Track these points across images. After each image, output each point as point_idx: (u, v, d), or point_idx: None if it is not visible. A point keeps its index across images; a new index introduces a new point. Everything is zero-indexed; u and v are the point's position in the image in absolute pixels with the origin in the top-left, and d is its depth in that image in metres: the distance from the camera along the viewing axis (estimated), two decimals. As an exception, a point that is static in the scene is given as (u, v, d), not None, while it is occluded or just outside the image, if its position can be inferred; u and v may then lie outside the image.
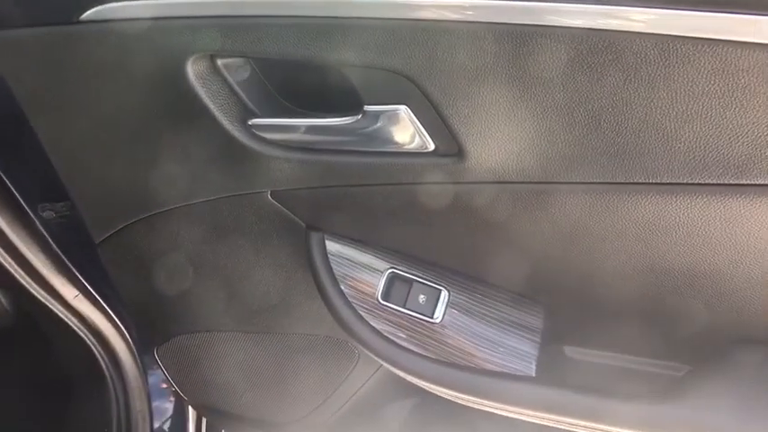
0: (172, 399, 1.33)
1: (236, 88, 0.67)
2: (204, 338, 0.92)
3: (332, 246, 0.75)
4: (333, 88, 0.66)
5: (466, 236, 0.70)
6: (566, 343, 0.76)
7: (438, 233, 0.72)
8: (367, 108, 0.63)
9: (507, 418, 0.74)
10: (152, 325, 0.95)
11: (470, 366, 0.73)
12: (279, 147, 0.68)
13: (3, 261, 0.96)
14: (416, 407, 0.95)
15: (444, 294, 0.74)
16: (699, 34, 0.52)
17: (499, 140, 0.61)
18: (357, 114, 0.64)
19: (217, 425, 1.23)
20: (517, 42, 0.55)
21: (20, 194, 0.98)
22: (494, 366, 0.73)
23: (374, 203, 0.71)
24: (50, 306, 1.04)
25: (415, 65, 0.58)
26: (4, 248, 0.95)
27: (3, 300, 1.13)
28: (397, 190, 0.68)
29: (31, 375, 1.27)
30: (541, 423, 0.72)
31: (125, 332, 1.11)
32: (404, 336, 0.74)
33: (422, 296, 0.74)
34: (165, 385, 1.34)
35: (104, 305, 1.07)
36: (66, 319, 1.06)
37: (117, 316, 1.09)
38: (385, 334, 0.74)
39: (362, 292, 0.75)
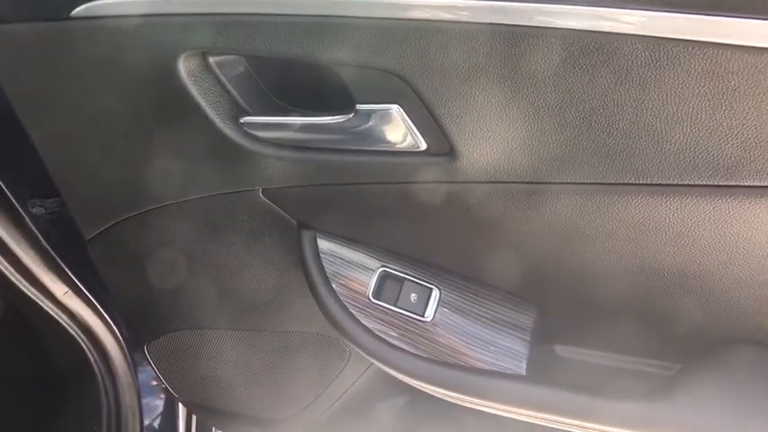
0: (162, 396, 1.33)
1: (228, 86, 0.66)
2: (195, 335, 0.92)
3: (323, 244, 0.75)
4: (325, 87, 0.66)
5: (458, 235, 0.70)
6: (556, 342, 0.76)
7: (430, 232, 0.72)
8: (359, 107, 0.63)
9: (498, 416, 0.74)
10: (143, 322, 0.94)
11: (461, 365, 0.73)
12: (271, 145, 0.68)
13: None
14: (407, 405, 0.95)
15: (436, 293, 0.75)
16: (689, 36, 0.52)
17: (491, 140, 0.61)
18: (349, 113, 0.64)
19: (207, 422, 1.23)
20: (509, 43, 0.55)
21: (9, 190, 0.97)
22: (484, 365, 0.73)
23: (366, 202, 0.71)
24: (40, 303, 1.04)
25: (408, 64, 0.58)
26: (-7, 242, 0.95)
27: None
28: (389, 189, 0.68)
29: (21, 372, 1.26)
30: (532, 422, 0.72)
31: (115, 329, 1.11)
32: (395, 334, 0.74)
33: (413, 295, 0.74)
34: (155, 382, 1.34)
35: (94, 302, 1.07)
36: (55, 316, 1.06)
37: (107, 313, 1.08)
38: (376, 332, 0.74)
39: (354, 291, 0.75)
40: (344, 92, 0.63)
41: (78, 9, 0.63)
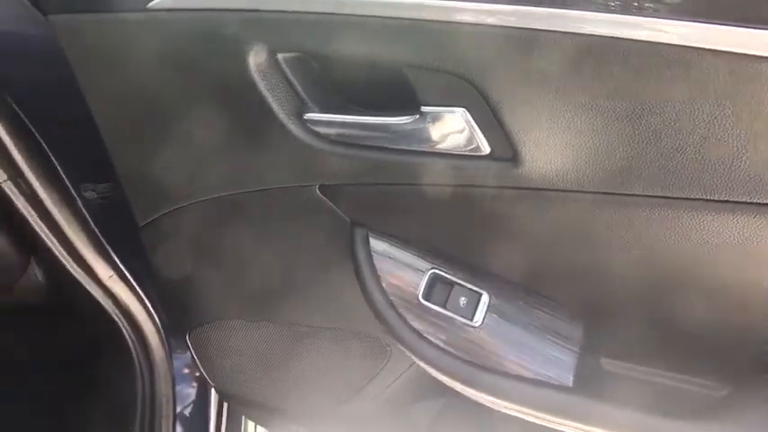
0: (194, 384, 1.35)
1: (294, 82, 0.67)
2: (238, 326, 0.93)
3: (376, 243, 0.76)
4: (390, 87, 0.66)
5: (513, 241, 0.70)
6: (605, 355, 0.75)
7: (484, 236, 0.72)
8: (424, 108, 0.63)
9: (540, 426, 0.74)
10: (187, 310, 0.96)
11: (508, 372, 0.73)
12: (332, 142, 0.69)
13: (43, 236, 0.98)
14: (446, 408, 0.95)
15: (485, 298, 0.74)
16: (769, 53, 0.51)
17: (556, 148, 0.61)
18: (414, 114, 0.64)
19: (239, 412, 1.24)
20: (584, 52, 0.55)
21: (64, 173, 1.00)
22: (531, 373, 0.73)
23: (422, 203, 0.71)
24: (85, 284, 1.06)
25: (478, 69, 0.58)
26: (45, 224, 0.97)
27: (37, 273, 1.15)
28: (447, 191, 0.68)
29: (59, 351, 1.28)
30: (576, 434, 0.72)
31: (155, 316, 1.12)
32: (443, 337, 0.74)
33: (463, 299, 0.74)
34: (187, 370, 1.36)
35: (137, 288, 1.09)
36: (99, 299, 1.08)
37: (148, 299, 1.10)
38: (424, 334, 0.74)
39: (403, 291, 0.75)
40: (409, 92, 0.63)
41: (155, 1, 0.64)
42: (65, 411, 1.27)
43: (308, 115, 0.68)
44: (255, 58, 0.65)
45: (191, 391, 1.36)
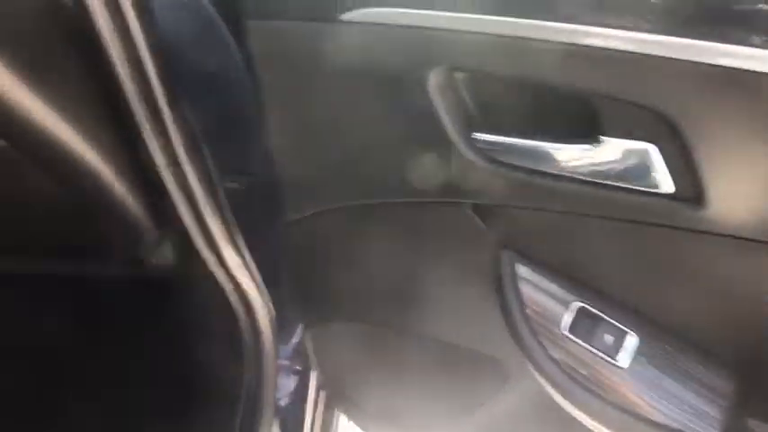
0: (293, 377, 1.38)
1: (469, 103, 0.68)
2: (362, 330, 0.95)
3: (522, 268, 0.75)
4: (566, 114, 0.66)
5: (677, 284, 0.68)
6: (754, 416, 0.71)
7: (646, 276, 0.70)
8: (604, 139, 0.62)
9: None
10: (314, 305, 0.98)
11: (651, 420, 0.70)
12: (498, 163, 0.69)
13: (184, 218, 1.04)
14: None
15: (633, 339, 0.72)
16: None
17: (748, 194, 0.58)
18: (592, 143, 0.63)
19: (338, 410, 1.26)
20: None
21: (213, 163, 1.06)
22: (676, 424, 0.70)
23: (582, 234, 0.70)
24: (211, 266, 1.12)
25: (677, 105, 0.57)
26: (188, 207, 1.03)
27: (168, 250, 1.22)
28: (613, 225, 0.67)
29: (176, 326, 1.35)
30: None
31: (270, 307, 1.17)
32: (584, 373, 0.72)
33: (609, 337, 0.72)
34: (287, 363, 1.40)
35: (258, 278, 1.13)
36: (222, 282, 1.13)
37: (268, 291, 1.15)
38: (563, 367, 0.73)
39: (547, 320, 0.74)
40: (587, 121, 0.63)
41: (350, 14, 0.67)
42: (171, 386, 1.33)
43: (478, 135, 0.69)
44: (436, 77, 0.67)
45: (289, 384, 1.40)
